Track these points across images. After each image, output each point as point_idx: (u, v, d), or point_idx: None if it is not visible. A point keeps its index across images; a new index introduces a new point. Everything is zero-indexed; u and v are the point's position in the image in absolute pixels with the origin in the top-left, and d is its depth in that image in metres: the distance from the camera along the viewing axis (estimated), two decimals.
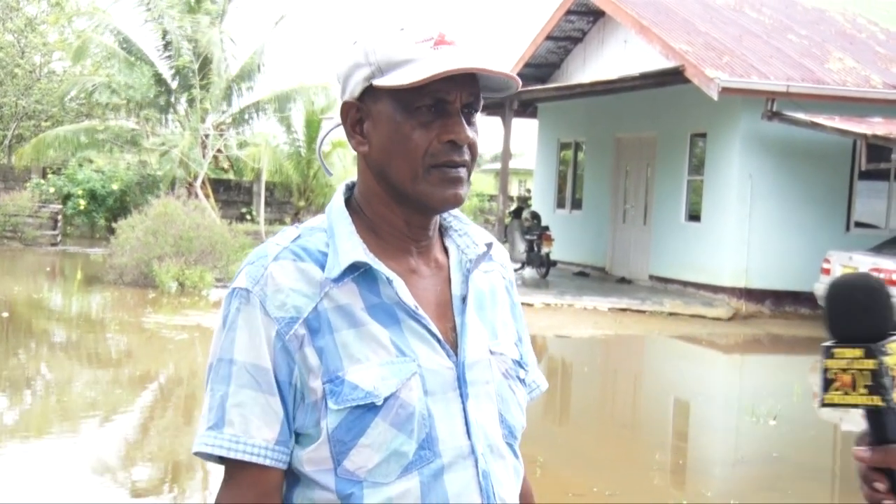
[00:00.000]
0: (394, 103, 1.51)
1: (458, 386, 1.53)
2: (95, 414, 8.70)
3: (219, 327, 1.52)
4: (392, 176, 1.53)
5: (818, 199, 16.57)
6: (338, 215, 1.57)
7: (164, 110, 24.17)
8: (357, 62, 1.54)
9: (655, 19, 17.90)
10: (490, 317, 1.63)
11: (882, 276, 13.38)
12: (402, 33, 1.52)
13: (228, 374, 1.48)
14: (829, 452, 8.87)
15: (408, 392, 1.47)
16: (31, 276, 18.80)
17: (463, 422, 1.52)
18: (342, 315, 1.49)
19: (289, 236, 1.55)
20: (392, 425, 1.46)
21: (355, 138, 1.57)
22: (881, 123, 15.15)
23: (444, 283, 1.60)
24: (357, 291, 1.51)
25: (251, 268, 1.51)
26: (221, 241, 17.66)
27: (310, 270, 1.50)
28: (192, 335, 12.35)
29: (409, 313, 1.52)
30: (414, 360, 1.49)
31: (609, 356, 13.20)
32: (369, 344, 1.48)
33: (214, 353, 1.51)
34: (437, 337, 1.53)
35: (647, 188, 19.47)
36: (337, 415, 1.45)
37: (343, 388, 1.46)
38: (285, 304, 1.47)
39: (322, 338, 1.47)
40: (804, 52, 17.49)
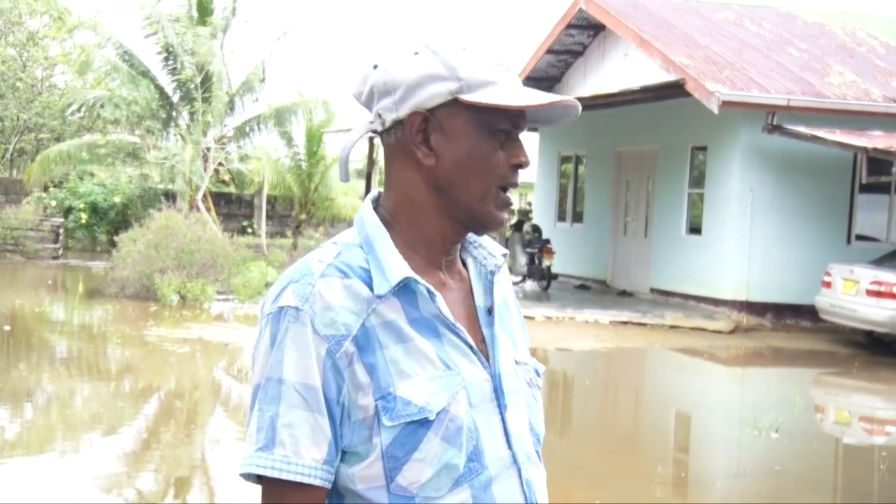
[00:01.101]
0: (475, 122, 1.53)
1: (496, 397, 1.55)
2: (98, 427, 8.69)
3: (265, 347, 1.49)
4: (460, 192, 1.54)
5: (819, 212, 16.58)
6: (376, 230, 1.55)
7: (165, 123, 24.20)
8: (437, 74, 1.51)
9: (656, 33, 17.94)
10: (509, 326, 1.65)
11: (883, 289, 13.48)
12: (471, 52, 1.54)
13: (278, 394, 1.46)
14: (831, 466, 8.87)
15: (456, 406, 1.49)
16: (33, 289, 18.81)
17: (503, 432, 1.54)
18: (390, 331, 1.49)
19: (331, 252, 1.53)
20: (443, 439, 1.47)
21: (421, 150, 1.53)
22: (881, 137, 15.17)
23: (468, 296, 1.62)
24: (400, 306, 1.50)
25: (297, 286, 1.49)
26: (223, 255, 17.67)
27: (356, 287, 1.49)
28: (194, 348, 12.35)
29: (449, 327, 1.53)
30: (459, 374, 1.51)
31: (610, 369, 13.20)
32: (417, 359, 1.48)
33: (262, 372, 1.48)
34: (475, 349, 1.55)
35: (648, 201, 19.49)
36: (391, 431, 1.46)
37: (396, 404, 1.46)
38: (335, 322, 1.46)
39: (371, 354, 1.47)
40: (804, 65, 17.53)
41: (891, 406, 11.76)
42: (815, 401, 11.76)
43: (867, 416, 11.37)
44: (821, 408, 11.49)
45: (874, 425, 10.94)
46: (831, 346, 14.84)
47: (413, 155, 1.54)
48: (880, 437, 10.34)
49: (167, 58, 23.78)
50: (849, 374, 13.07)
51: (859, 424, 10.85)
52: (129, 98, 22.88)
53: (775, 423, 9.15)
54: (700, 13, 19.99)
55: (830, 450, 9.50)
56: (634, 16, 18.79)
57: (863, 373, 13.04)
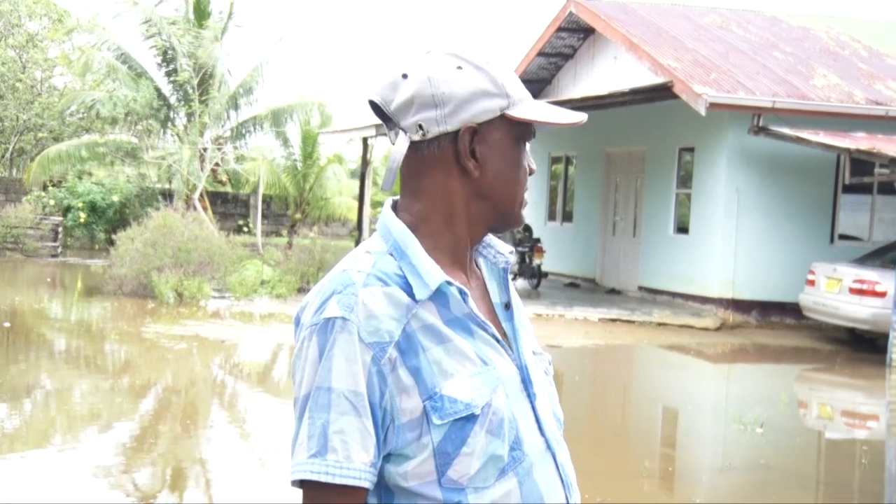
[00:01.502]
0: (511, 135, 1.60)
1: (525, 387, 1.60)
2: (96, 422, 8.69)
3: (314, 357, 1.50)
4: (500, 199, 1.61)
5: (803, 212, 16.62)
6: (405, 237, 1.58)
7: (163, 124, 24.17)
8: (487, 90, 1.56)
9: (645, 37, 17.97)
10: (524, 320, 1.71)
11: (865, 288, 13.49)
12: (501, 66, 1.60)
13: (328, 402, 1.48)
14: (815, 460, 8.89)
15: (497, 399, 1.53)
16: (33, 286, 18.78)
17: (535, 420, 1.59)
18: (429, 333, 1.52)
19: (368, 262, 1.55)
20: (488, 432, 1.51)
21: (472, 162, 1.57)
22: (864, 138, 15.21)
23: (485, 293, 1.66)
24: (435, 309, 1.54)
25: (341, 297, 1.51)
26: (219, 253, 17.65)
27: (396, 294, 1.52)
28: (191, 345, 12.34)
29: (479, 324, 1.57)
30: (494, 368, 1.55)
31: (599, 365, 13.22)
32: (457, 358, 1.52)
33: (311, 381, 1.50)
34: (502, 343, 1.60)
35: (637, 201, 19.52)
36: (441, 429, 1.49)
37: (443, 403, 1.49)
38: (379, 330, 1.49)
39: (415, 357, 1.50)
40: (789, 68, 17.56)
41: (872, 401, 11.80)
42: (799, 396, 11.79)
43: (849, 410, 11.41)
44: (804, 403, 11.52)
45: (856, 420, 10.97)
46: (815, 343, 14.89)
47: (457, 165, 1.57)
48: (862, 431, 10.37)
49: (165, 60, 23.77)
50: (832, 371, 13.12)
51: (842, 419, 10.88)
52: (128, 98, 22.86)
53: (760, 418, 9.17)
54: (688, 17, 20.02)
55: (814, 444, 9.53)
56: (624, 19, 18.81)
57: (845, 369, 13.08)
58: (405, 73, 1.57)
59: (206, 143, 23.81)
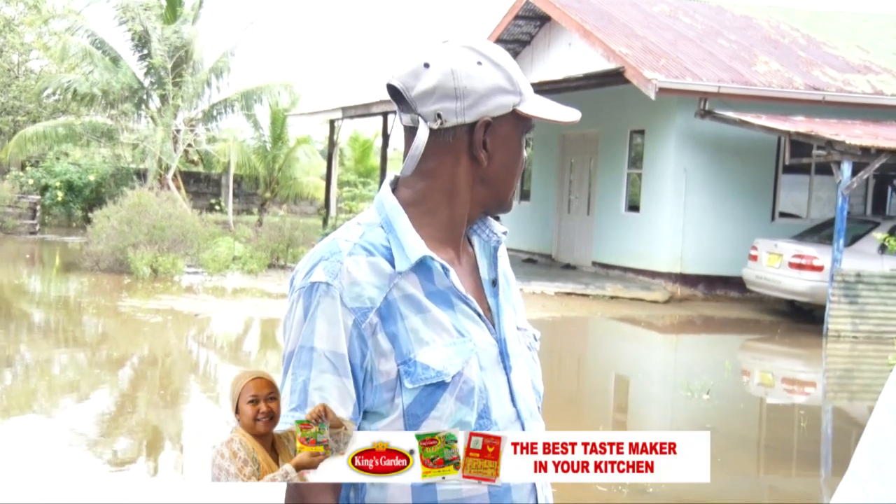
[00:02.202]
0: (517, 128, 1.64)
1: (502, 360, 1.62)
2: (75, 392, 8.60)
3: (298, 318, 1.55)
4: (503, 186, 1.66)
5: (746, 191, 16.74)
6: (395, 212, 1.60)
7: (137, 106, 23.89)
8: (503, 87, 1.60)
9: (598, 24, 17.96)
10: (510, 296, 1.72)
11: (804, 262, 13.62)
12: (511, 63, 1.64)
13: (310, 361, 1.52)
14: (758, 424, 8.99)
15: (469, 369, 1.55)
16: (11, 263, 18.53)
17: (508, 392, 1.61)
18: (409, 303, 1.55)
19: (356, 233, 1.59)
20: (457, 399, 1.53)
21: (483, 153, 1.61)
22: (803, 122, 15.32)
23: (474, 269, 1.68)
24: (418, 281, 1.57)
25: (327, 263, 1.55)
26: (192, 230, 17.50)
27: (379, 264, 1.55)
28: (166, 318, 12.24)
29: (461, 298, 1.60)
30: (471, 340, 1.57)
31: (556, 337, 13.27)
32: (434, 328, 1.55)
33: (295, 341, 1.55)
34: (483, 317, 1.62)
35: (591, 181, 19.57)
36: (411, 393, 1.52)
37: (416, 368, 1.52)
38: (361, 296, 1.53)
39: (393, 324, 1.53)
40: (733, 55, 17.64)
41: (810, 369, 11.94)
42: (742, 365, 11.90)
43: (789, 378, 11.54)
44: (747, 371, 11.64)
45: (795, 386, 11.11)
46: (757, 315, 15.03)
47: (468, 153, 1.61)
48: (800, 396, 10.50)
49: (138, 45, 23.45)
50: (773, 340, 13.25)
51: (782, 386, 11.01)
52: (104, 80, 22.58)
53: (706, 385, 9.25)
54: (638, 6, 20.03)
55: (756, 409, 9.64)
56: (578, 8, 18.79)
57: (785, 338, 13.22)
58: (427, 63, 1.58)
59: (179, 124, 23.58)
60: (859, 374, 12.02)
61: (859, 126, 15.48)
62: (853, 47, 19.21)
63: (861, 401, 10.29)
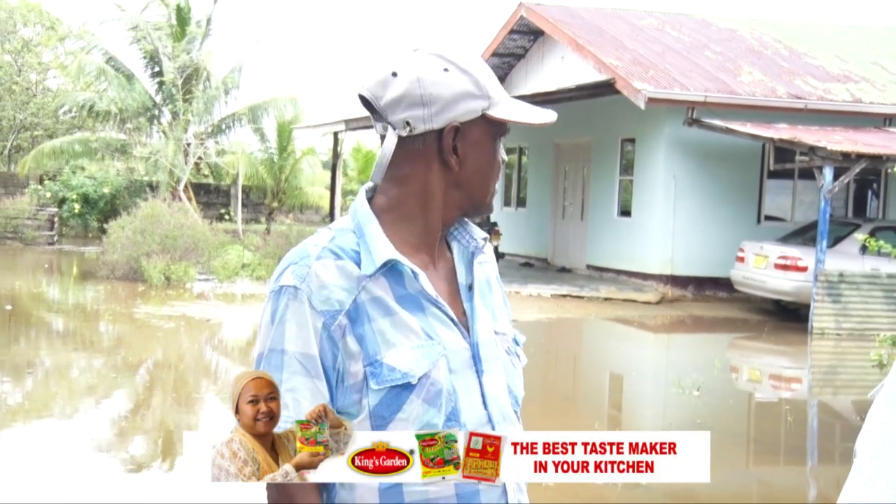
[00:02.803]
0: (490, 133, 1.59)
1: (474, 364, 1.57)
2: (93, 395, 8.60)
3: (267, 321, 1.52)
4: (478, 190, 1.61)
5: (733, 195, 16.74)
6: (365, 217, 1.57)
7: (150, 121, 23.91)
8: (471, 92, 1.55)
9: (589, 38, 17.97)
10: (490, 301, 1.67)
11: (789, 263, 13.60)
12: (482, 67, 1.59)
13: (281, 363, 1.49)
14: (746, 419, 8.98)
15: (437, 371, 1.51)
16: (31, 272, 18.52)
17: (480, 395, 1.56)
18: (377, 306, 1.51)
19: (325, 237, 1.56)
20: (424, 401, 1.49)
21: (453, 158, 1.57)
22: (786, 129, 15.32)
23: (451, 274, 1.64)
24: (387, 284, 1.53)
25: (296, 267, 1.52)
26: (203, 239, 17.51)
27: (348, 267, 1.52)
28: (178, 323, 12.24)
29: (432, 301, 1.55)
30: (440, 343, 1.53)
31: (552, 337, 13.26)
32: (402, 330, 1.51)
33: (265, 344, 1.52)
34: (455, 321, 1.57)
35: (584, 187, 19.56)
36: (377, 394, 1.48)
37: (382, 370, 1.48)
38: (329, 299, 1.49)
39: (361, 326, 1.49)
40: (719, 66, 17.65)
41: (796, 365, 11.93)
42: (731, 362, 11.89)
43: (776, 374, 11.53)
44: (736, 368, 11.63)
45: (781, 382, 11.10)
46: (744, 314, 15.02)
47: (439, 159, 1.57)
48: (787, 392, 10.49)
49: (150, 62, 23.47)
50: (760, 338, 13.24)
51: (769, 382, 11.00)
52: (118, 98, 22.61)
53: (697, 382, 9.25)
54: (627, 20, 20.05)
55: (745, 405, 9.62)
56: (570, 22, 18.80)
57: (771, 336, 13.21)
58: (395, 72, 1.55)
59: (190, 138, 23.59)
60: (843, 370, 12.01)
61: (840, 132, 15.49)
62: (833, 57, 19.22)
63: (845, 395, 10.29)
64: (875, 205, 17.80)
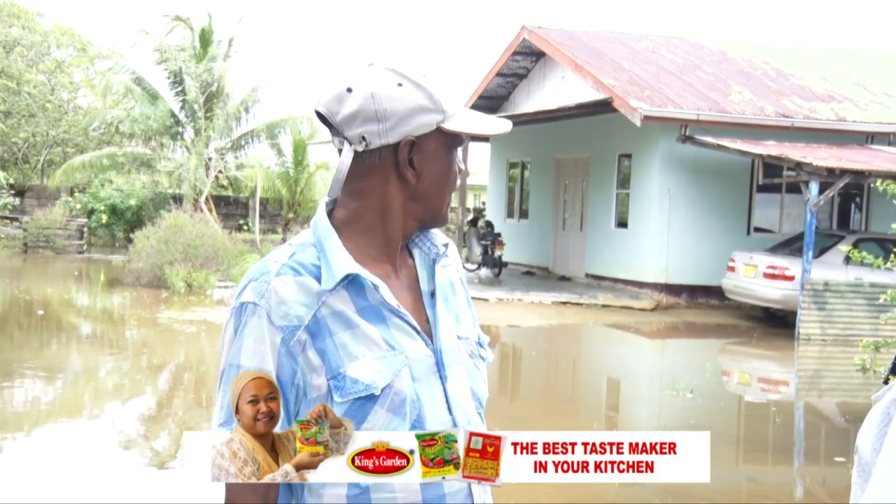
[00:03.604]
0: (444, 145, 1.52)
1: (438, 370, 1.51)
2: (120, 395, 8.61)
3: (229, 337, 1.47)
4: (434, 202, 1.54)
5: (724, 208, 16.71)
6: (325, 232, 1.51)
7: (173, 138, 23.98)
8: (424, 106, 1.49)
9: (588, 59, 17.99)
10: (453, 306, 1.60)
11: (777, 272, 13.57)
12: (437, 81, 1.52)
13: None
14: (737, 420, 8.95)
15: (400, 381, 1.45)
16: (62, 279, 18.57)
17: (444, 400, 1.50)
18: (338, 319, 1.45)
19: (285, 253, 1.50)
20: (388, 411, 1.43)
21: (409, 171, 1.51)
22: (774, 146, 15.31)
23: (414, 282, 1.58)
24: (348, 297, 1.47)
25: (255, 284, 1.46)
26: (223, 248, 17.53)
27: (307, 283, 1.46)
28: (199, 328, 12.25)
29: (394, 311, 1.49)
30: (402, 353, 1.47)
31: (553, 342, 13.24)
32: (364, 342, 1.45)
33: (225, 359, 1.46)
34: (418, 330, 1.51)
35: (583, 200, 19.55)
36: (341, 406, 1.41)
37: (345, 382, 1.42)
38: (288, 314, 1.43)
39: (322, 340, 1.44)
40: (711, 86, 17.65)
41: (783, 369, 11.89)
42: (722, 366, 11.87)
43: (764, 377, 11.50)
44: (727, 372, 11.60)
45: (770, 385, 11.06)
46: (735, 320, 14.99)
47: (396, 172, 1.51)
48: (775, 395, 10.46)
49: (174, 82, 23.54)
50: (749, 343, 13.21)
51: (758, 385, 10.96)
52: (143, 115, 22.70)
53: (690, 385, 9.23)
54: (624, 43, 20.06)
55: (735, 406, 9.60)
56: (570, 45, 18.82)
57: (761, 342, 13.18)
58: (350, 88, 1.49)
59: (211, 153, 23.64)
60: (828, 374, 11.97)
61: (825, 149, 15.47)
62: (818, 79, 19.21)
63: (830, 398, 10.25)
64: (858, 217, 17.76)
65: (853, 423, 8.62)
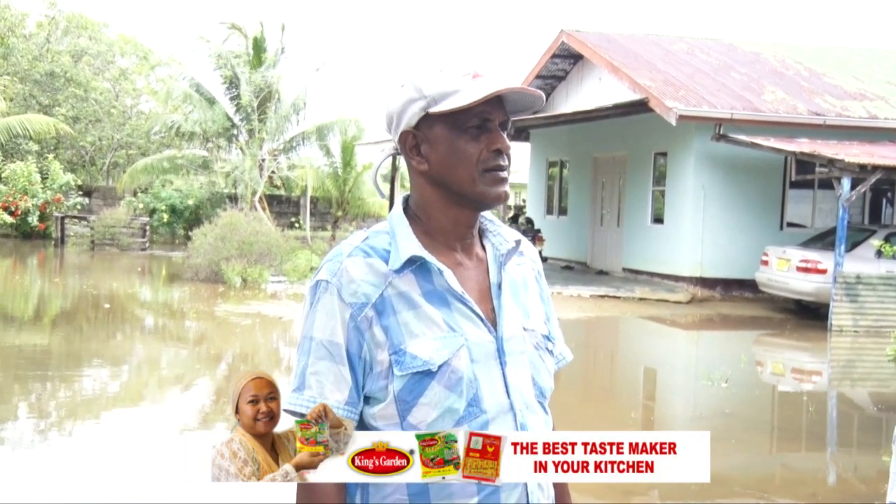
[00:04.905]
0: (448, 126, 1.53)
1: (499, 356, 1.54)
2: (180, 383, 8.73)
3: (305, 311, 1.54)
4: (454, 183, 1.54)
5: (757, 204, 16.51)
6: (397, 220, 1.58)
7: (229, 140, 24.23)
8: (410, 98, 1.54)
9: (624, 61, 17.85)
10: (523, 300, 1.63)
11: (809, 266, 13.38)
12: (445, 72, 1.54)
13: (308, 349, 1.50)
14: (770, 409, 8.85)
15: (457, 361, 1.48)
16: (126, 274, 18.86)
17: (503, 384, 1.53)
18: (403, 300, 1.50)
19: (359, 238, 1.57)
20: (445, 387, 1.47)
21: (415, 160, 1.56)
22: (806, 143, 15.09)
23: (484, 274, 1.61)
24: (415, 281, 1.52)
25: (330, 264, 1.53)
26: (276, 245, 17.68)
27: (376, 264, 1.51)
28: (254, 321, 12.37)
29: (457, 297, 1.53)
30: (462, 335, 1.50)
31: (591, 334, 13.18)
32: (425, 322, 1.49)
33: (301, 331, 1.53)
34: (480, 316, 1.54)
35: (620, 197, 19.42)
36: (401, 380, 1.47)
37: (405, 358, 1.47)
38: (357, 292, 1.49)
39: (387, 318, 1.49)
40: (744, 86, 17.43)
41: (815, 360, 11.72)
42: (756, 357, 11.73)
43: (797, 368, 11.34)
44: (761, 362, 11.46)
45: (803, 375, 10.91)
46: (769, 313, 14.80)
47: (412, 164, 1.58)
48: (808, 384, 10.31)
49: (230, 87, 23.79)
50: (783, 335, 13.04)
51: (791, 375, 10.82)
52: (202, 119, 22.97)
53: (725, 375, 9.14)
54: (659, 45, 19.88)
55: (769, 396, 9.48)
56: (607, 47, 18.69)
57: (794, 333, 13.00)
58: (385, 104, 1.61)
59: (264, 154, 23.85)
60: (860, 365, 11.77)
61: (856, 146, 15.20)
62: (850, 77, 18.88)
63: (862, 388, 10.09)
64: (889, 212, 17.44)
65: (885, 412, 8.48)
